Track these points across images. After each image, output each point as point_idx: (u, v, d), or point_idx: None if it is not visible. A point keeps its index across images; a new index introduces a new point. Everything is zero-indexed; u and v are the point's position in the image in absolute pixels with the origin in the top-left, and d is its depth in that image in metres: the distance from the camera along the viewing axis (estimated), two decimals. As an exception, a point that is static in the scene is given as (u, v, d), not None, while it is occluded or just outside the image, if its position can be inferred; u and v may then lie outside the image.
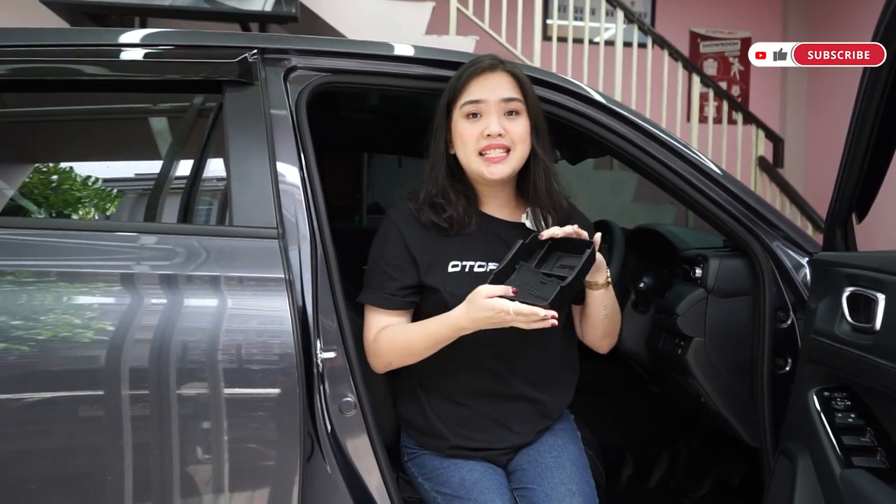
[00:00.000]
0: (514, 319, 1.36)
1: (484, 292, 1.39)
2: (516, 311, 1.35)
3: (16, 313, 1.31)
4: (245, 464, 1.37)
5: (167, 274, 1.38)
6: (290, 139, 1.55)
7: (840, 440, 1.25)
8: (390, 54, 1.68)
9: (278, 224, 1.44)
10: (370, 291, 1.56)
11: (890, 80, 1.29)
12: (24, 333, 1.30)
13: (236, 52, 1.56)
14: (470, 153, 1.52)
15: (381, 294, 1.55)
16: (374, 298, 1.56)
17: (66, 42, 1.57)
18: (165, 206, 1.57)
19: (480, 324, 1.41)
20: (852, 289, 1.31)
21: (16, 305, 1.31)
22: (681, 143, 1.75)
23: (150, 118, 1.75)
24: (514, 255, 1.45)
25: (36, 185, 1.60)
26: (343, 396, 1.47)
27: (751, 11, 6.94)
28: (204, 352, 1.35)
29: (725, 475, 2.33)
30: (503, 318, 1.37)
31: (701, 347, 1.78)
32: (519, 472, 1.57)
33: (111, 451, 1.32)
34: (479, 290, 1.40)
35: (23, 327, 1.30)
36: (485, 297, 1.38)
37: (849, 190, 1.40)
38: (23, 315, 1.31)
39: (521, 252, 1.46)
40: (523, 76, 1.56)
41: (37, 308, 1.32)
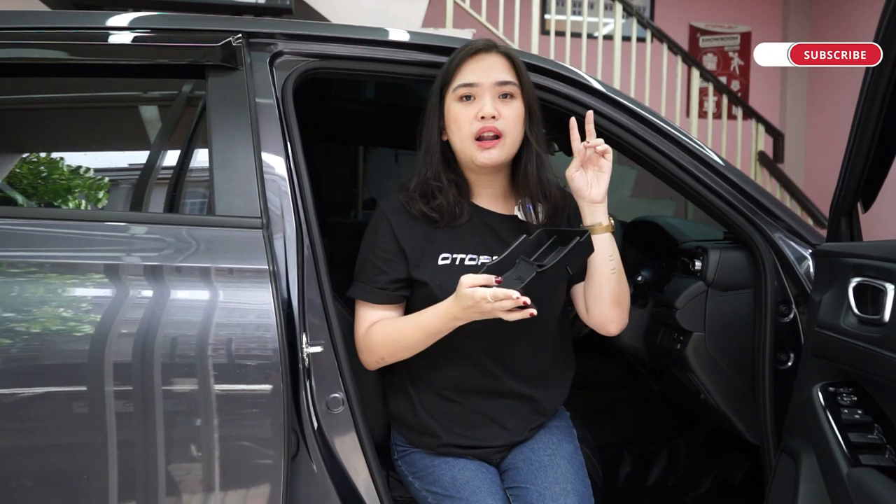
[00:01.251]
0: (493, 307, 1.30)
1: (466, 282, 1.34)
2: (493, 296, 1.29)
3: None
4: (227, 462, 1.33)
5: (146, 265, 1.34)
6: (276, 127, 1.50)
7: (847, 437, 1.20)
8: (381, 39, 1.63)
9: (262, 213, 1.39)
10: (360, 286, 1.52)
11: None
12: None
13: (220, 36, 1.52)
14: (464, 137, 1.47)
15: (370, 288, 1.50)
16: (363, 293, 1.51)
17: (41, 25, 1.52)
18: (150, 196, 1.52)
19: (469, 314, 1.36)
20: (859, 279, 1.26)
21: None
22: (680, 131, 1.70)
23: (132, 105, 1.70)
24: (514, 248, 1.39)
25: (13, 174, 1.55)
26: (330, 392, 1.43)
27: (751, 5, 6.90)
28: (184, 346, 1.31)
29: (725, 473, 2.28)
30: (483, 306, 1.31)
31: (700, 342, 1.74)
32: (512, 471, 1.53)
33: (92, 448, 1.28)
34: (463, 279, 1.35)
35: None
36: (467, 286, 1.33)
37: (854, 178, 1.36)
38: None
39: (524, 246, 1.41)
40: (518, 59, 1.51)
41: (14, 300, 1.28)
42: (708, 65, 6.71)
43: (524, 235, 1.43)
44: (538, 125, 1.52)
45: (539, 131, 1.52)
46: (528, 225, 1.52)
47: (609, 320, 1.51)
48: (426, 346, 1.46)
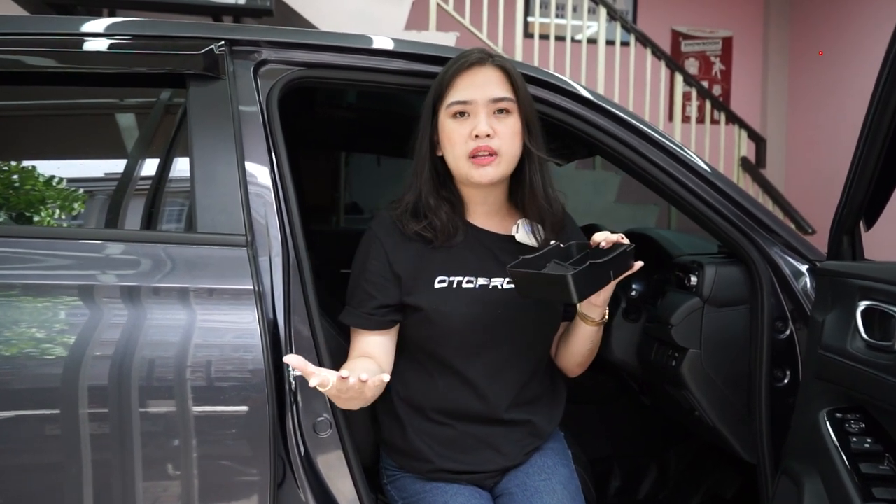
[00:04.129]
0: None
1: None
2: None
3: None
4: (211, 491, 1.28)
5: (125, 286, 1.28)
6: (261, 138, 1.44)
7: (857, 468, 1.16)
8: (368, 48, 1.58)
9: (247, 230, 1.34)
10: (350, 311, 1.46)
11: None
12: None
13: (202, 44, 1.45)
14: (459, 155, 1.42)
15: (360, 313, 1.44)
16: (353, 318, 1.45)
17: (15, 31, 1.45)
18: (127, 211, 1.45)
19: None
20: (868, 303, 1.22)
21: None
22: (674, 143, 1.66)
23: (109, 114, 1.63)
24: (546, 252, 1.37)
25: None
26: (317, 415, 1.38)
27: (732, 10, 6.92)
28: (166, 370, 1.25)
29: (717, 488, 2.25)
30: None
31: (696, 359, 1.70)
32: (506, 496, 1.48)
33: (70, 471, 1.22)
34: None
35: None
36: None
37: (859, 195, 1.32)
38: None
39: (554, 252, 1.38)
40: (514, 71, 1.45)
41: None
42: (690, 69, 6.72)
43: (554, 242, 1.40)
44: (538, 138, 1.47)
45: (539, 144, 1.47)
46: (525, 246, 1.48)
47: (569, 371, 1.61)
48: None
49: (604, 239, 1.39)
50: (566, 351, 1.57)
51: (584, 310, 1.48)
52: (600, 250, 1.38)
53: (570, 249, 1.40)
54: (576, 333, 1.52)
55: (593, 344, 1.53)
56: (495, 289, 1.46)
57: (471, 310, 1.44)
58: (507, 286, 1.46)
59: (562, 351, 1.58)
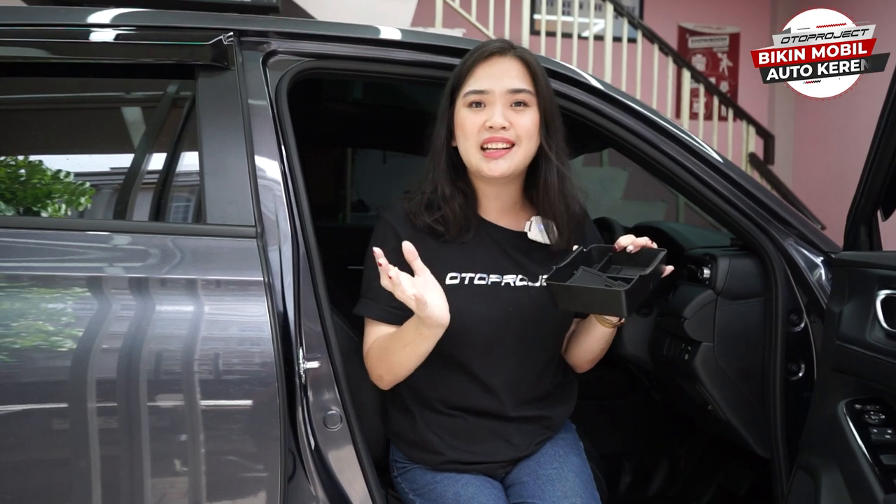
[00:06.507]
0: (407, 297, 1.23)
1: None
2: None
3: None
4: (221, 486, 1.26)
5: (135, 277, 1.26)
6: (270, 129, 1.43)
7: (878, 459, 1.14)
8: (378, 38, 1.57)
9: (256, 222, 1.32)
10: (366, 302, 1.44)
11: None
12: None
13: (210, 35, 1.44)
14: (470, 146, 1.40)
15: (375, 305, 1.43)
16: (370, 310, 1.44)
17: (20, 22, 1.44)
18: (136, 203, 1.44)
19: (420, 316, 1.28)
20: (888, 292, 1.21)
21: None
22: (688, 134, 1.65)
23: (117, 106, 1.61)
24: (573, 258, 1.35)
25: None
26: (328, 409, 1.36)
27: (739, 6, 6.89)
28: (176, 362, 1.24)
29: (729, 484, 2.23)
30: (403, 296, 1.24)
31: (710, 352, 1.68)
32: (518, 486, 1.46)
33: (78, 466, 1.21)
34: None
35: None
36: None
37: (876, 185, 1.30)
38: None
39: (581, 258, 1.37)
40: (536, 64, 1.42)
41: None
42: (697, 66, 6.69)
43: (579, 247, 1.38)
44: (558, 134, 1.44)
45: (559, 141, 1.44)
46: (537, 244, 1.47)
47: (578, 367, 1.60)
48: (415, 362, 1.38)
49: (630, 243, 1.37)
50: (578, 348, 1.55)
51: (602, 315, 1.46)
52: (626, 254, 1.36)
53: (591, 253, 1.39)
54: (589, 333, 1.50)
55: (606, 343, 1.52)
56: (507, 286, 1.45)
57: (482, 307, 1.42)
58: (520, 283, 1.45)
59: (573, 348, 1.57)
